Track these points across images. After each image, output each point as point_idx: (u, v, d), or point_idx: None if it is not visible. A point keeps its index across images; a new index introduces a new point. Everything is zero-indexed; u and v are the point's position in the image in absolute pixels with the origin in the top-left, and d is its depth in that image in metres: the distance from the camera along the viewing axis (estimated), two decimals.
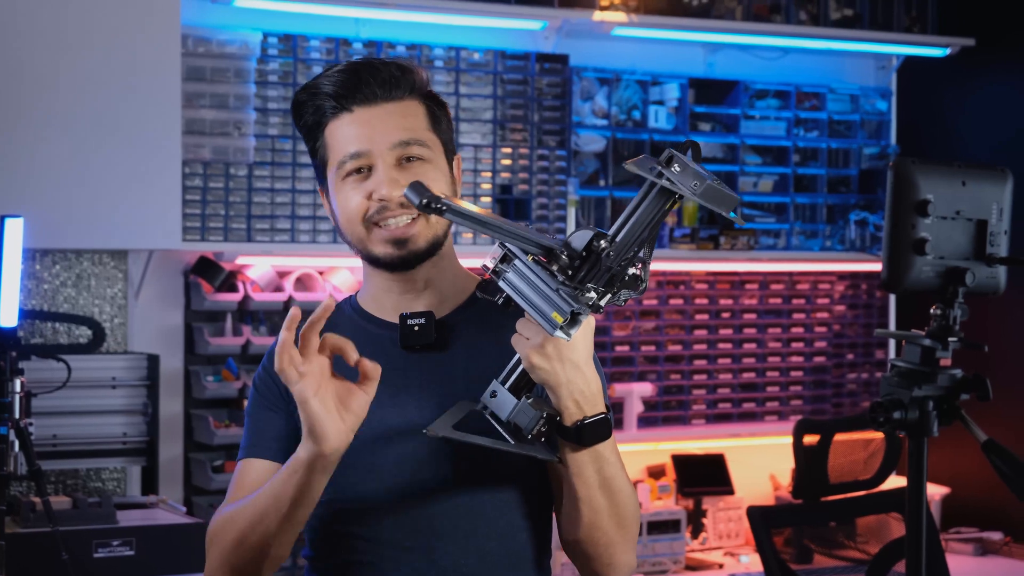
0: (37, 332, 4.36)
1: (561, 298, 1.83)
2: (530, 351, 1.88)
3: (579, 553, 2.05)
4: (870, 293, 5.62)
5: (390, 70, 2.10)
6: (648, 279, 1.89)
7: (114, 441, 4.22)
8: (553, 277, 1.85)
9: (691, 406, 5.29)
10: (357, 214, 2.07)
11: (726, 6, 5.15)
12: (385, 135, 2.07)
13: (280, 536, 1.99)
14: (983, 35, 5.39)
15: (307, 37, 4.59)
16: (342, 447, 1.92)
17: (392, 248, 2.07)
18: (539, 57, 4.93)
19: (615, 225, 1.87)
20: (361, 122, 2.08)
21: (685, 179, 1.81)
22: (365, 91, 2.08)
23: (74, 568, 3.46)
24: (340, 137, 2.09)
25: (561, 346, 1.88)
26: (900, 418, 2.02)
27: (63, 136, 4.05)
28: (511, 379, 1.94)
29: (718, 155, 5.35)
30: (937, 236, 2.03)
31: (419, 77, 2.13)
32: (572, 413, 1.92)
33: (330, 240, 4.59)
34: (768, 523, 3.53)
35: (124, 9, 4.12)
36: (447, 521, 2.05)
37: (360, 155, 2.07)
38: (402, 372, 2.08)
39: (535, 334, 1.88)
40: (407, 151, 2.08)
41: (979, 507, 5.16)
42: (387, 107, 2.09)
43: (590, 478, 1.96)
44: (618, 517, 2.01)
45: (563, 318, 1.83)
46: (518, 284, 1.87)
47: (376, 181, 2.06)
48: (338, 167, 2.09)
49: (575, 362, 1.90)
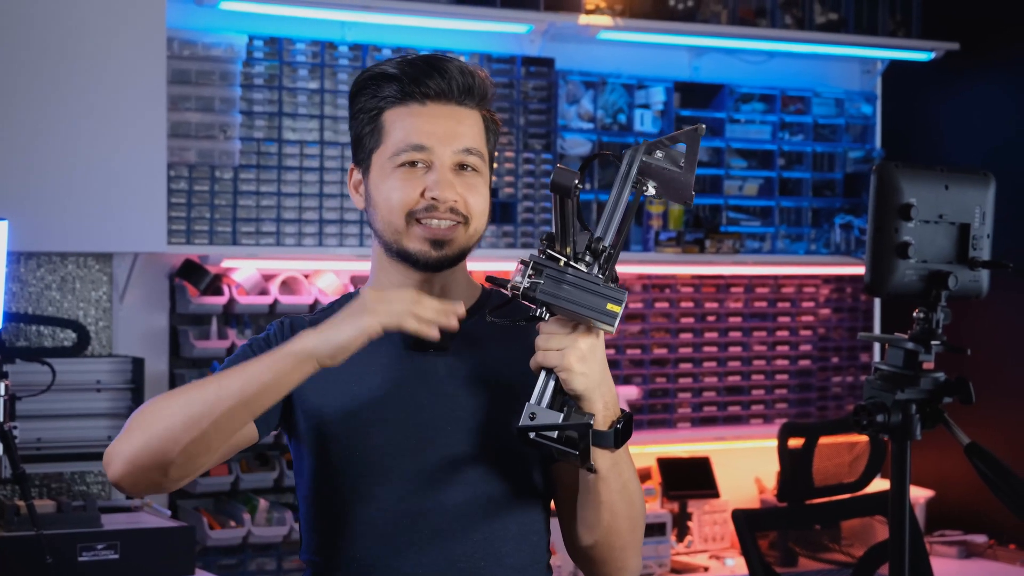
0: (22, 335, 4.35)
1: (609, 290, 1.86)
2: (572, 358, 1.88)
3: (592, 558, 2.06)
4: (855, 296, 5.63)
5: (469, 76, 2.10)
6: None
7: (99, 444, 4.20)
8: (590, 275, 1.87)
9: (676, 409, 5.29)
10: (401, 207, 2.06)
11: (711, 10, 5.16)
12: (453, 138, 2.07)
13: (226, 424, 1.91)
14: (967, 40, 5.41)
15: (293, 40, 4.59)
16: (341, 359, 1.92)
17: (429, 247, 2.06)
18: (525, 60, 4.93)
19: (601, 224, 1.91)
20: (430, 117, 2.08)
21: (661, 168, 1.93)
22: (444, 87, 2.08)
23: (58, 572, 3.45)
24: (404, 125, 2.08)
25: (594, 347, 1.90)
26: (883, 421, 2.03)
27: (48, 139, 4.04)
28: (545, 396, 1.91)
29: (704, 159, 5.36)
30: (920, 240, 2.03)
31: (490, 90, 2.14)
32: (605, 416, 1.93)
33: (316, 243, 4.58)
34: (753, 526, 3.53)
35: (109, 11, 4.12)
36: (456, 523, 2.05)
37: (422, 148, 2.06)
38: (410, 373, 2.09)
39: (570, 341, 1.88)
40: (466, 159, 2.08)
41: (963, 510, 5.17)
42: (459, 111, 2.09)
43: (613, 482, 1.98)
44: (632, 520, 2.03)
45: (620, 306, 1.86)
46: (557, 292, 1.86)
47: (433, 180, 2.05)
48: (393, 154, 2.07)
49: (602, 362, 1.93)
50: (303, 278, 4.60)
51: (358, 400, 2.08)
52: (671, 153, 1.95)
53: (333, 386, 2.07)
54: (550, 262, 1.87)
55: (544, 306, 1.88)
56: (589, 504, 2.01)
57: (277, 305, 4.50)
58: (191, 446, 1.91)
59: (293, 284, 4.59)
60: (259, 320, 4.58)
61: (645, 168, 1.95)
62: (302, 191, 4.57)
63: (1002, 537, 5.08)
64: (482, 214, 2.10)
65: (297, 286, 4.59)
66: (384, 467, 2.05)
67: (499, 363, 2.08)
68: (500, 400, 2.07)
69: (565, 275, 1.86)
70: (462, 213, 2.07)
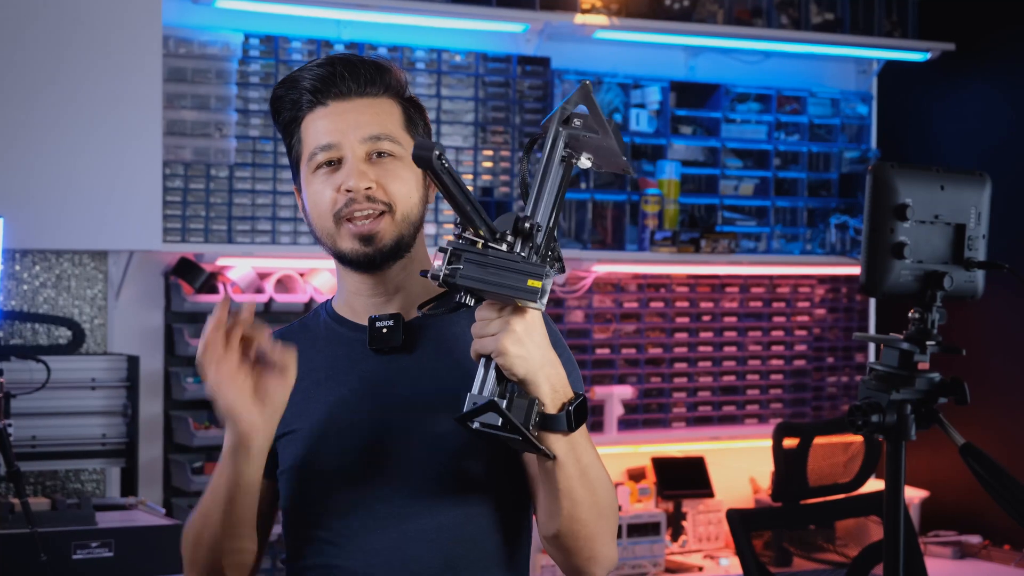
0: (17, 333, 4.34)
1: (528, 266, 1.80)
2: (505, 342, 1.82)
3: (560, 547, 2.00)
4: (850, 297, 5.63)
5: (367, 67, 2.10)
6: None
7: (93, 442, 4.21)
8: (510, 253, 1.81)
9: (671, 409, 5.29)
10: (327, 208, 2.06)
11: (708, 10, 5.16)
12: (356, 128, 2.07)
13: (228, 531, 2.01)
14: (963, 40, 5.41)
15: (288, 38, 4.59)
16: (261, 435, 1.95)
17: (359, 244, 2.05)
18: (520, 60, 4.93)
19: (530, 204, 1.87)
20: (334, 115, 2.08)
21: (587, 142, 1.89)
22: (340, 86, 2.08)
23: (53, 570, 3.45)
24: (313, 131, 2.08)
25: (529, 327, 1.83)
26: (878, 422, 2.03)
27: (43, 136, 4.04)
28: (486, 385, 1.85)
29: (699, 158, 5.36)
30: (916, 240, 2.03)
31: (396, 77, 2.12)
32: (554, 399, 1.87)
33: (311, 242, 4.58)
34: (748, 526, 3.53)
35: (105, 9, 4.11)
36: (423, 522, 2.04)
37: (330, 147, 2.06)
38: (371, 374, 2.08)
39: (501, 324, 1.83)
40: (377, 146, 2.07)
41: (958, 510, 5.18)
42: (361, 102, 2.09)
43: (571, 468, 1.91)
44: (597, 507, 1.96)
45: (540, 281, 1.79)
46: (478, 275, 1.81)
47: (344, 173, 2.05)
48: (309, 159, 2.08)
49: (541, 343, 1.86)
50: (298, 276, 4.60)
51: (314, 403, 2.08)
52: (587, 121, 1.90)
53: (296, 391, 2.02)
54: (467, 246, 1.81)
55: (466, 291, 1.82)
56: (547, 492, 1.95)
57: (272, 303, 4.50)
58: (228, 543, 2.03)
59: (288, 282, 4.59)
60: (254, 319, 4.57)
61: (572, 141, 1.90)
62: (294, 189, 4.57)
63: (996, 538, 5.08)
64: (406, 198, 2.07)
65: (292, 284, 4.59)
66: (337, 469, 2.05)
67: (457, 359, 2.06)
68: (458, 397, 2.01)
69: (486, 257, 1.81)
70: (382, 201, 2.05)
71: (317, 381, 2.10)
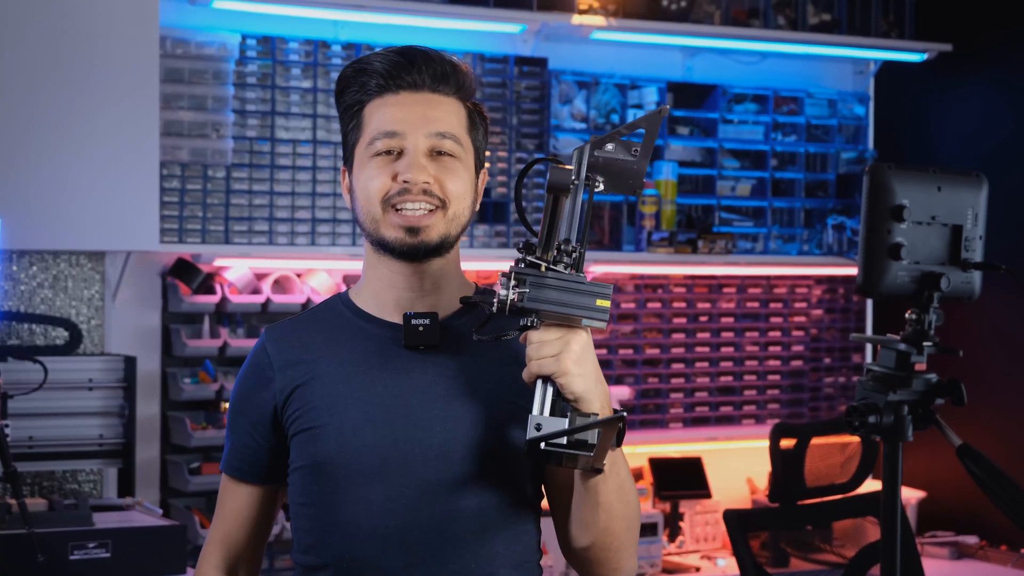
0: (13, 333, 4.34)
1: (595, 287, 1.86)
2: (568, 362, 1.86)
3: (589, 559, 2.05)
4: (847, 297, 5.63)
5: (445, 64, 2.11)
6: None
7: (90, 443, 4.20)
8: (577, 275, 1.87)
9: (668, 409, 5.29)
10: (377, 194, 2.06)
11: (705, 10, 5.16)
12: (424, 122, 2.07)
13: None
14: (960, 41, 5.41)
15: (286, 39, 4.59)
16: None
17: (404, 234, 2.05)
18: (518, 60, 4.93)
19: (564, 226, 1.91)
20: (403, 105, 2.08)
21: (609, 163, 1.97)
22: (415, 76, 2.08)
23: (50, 570, 3.45)
24: (378, 116, 2.08)
25: (586, 346, 1.88)
26: (875, 422, 2.03)
27: (40, 137, 4.04)
28: (547, 404, 1.88)
29: (696, 159, 5.36)
30: (913, 241, 2.04)
31: (469, 80, 2.14)
32: (603, 415, 1.89)
33: (308, 242, 4.58)
34: (745, 526, 3.53)
35: (102, 10, 4.11)
36: (456, 524, 2.04)
37: (394, 135, 2.06)
38: (405, 373, 2.08)
39: (561, 345, 1.87)
40: (440, 144, 2.08)
41: (955, 511, 5.18)
42: (432, 97, 2.09)
43: (612, 481, 1.95)
44: (628, 520, 2.01)
45: (608, 301, 1.85)
46: (544, 297, 1.85)
47: (404, 164, 2.05)
48: (369, 144, 2.08)
49: (595, 362, 1.91)
50: (296, 277, 4.60)
51: (345, 400, 2.07)
52: (624, 143, 1.96)
53: (320, 386, 2.06)
54: (530, 269, 1.87)
55: (533, 313, 1.87)
56: (586, 505, 1.98)
57: (269, 304, 4.50)
58: None
59: (286, 283, 4.59)
60: (251, 319, 4.57)
61: (593, 164, 1.96)
62: (295, 190, 4.57)
63: (993, 538, 5.08)
64: (461, 198, 2.08)
65: (290, 285, 4.58)
66: (372, 467, 2.04)
67: (491, 363, 2.07)
68: (492, 400, 2.06)
69: (548, 280, 1.86)
70: (438, 196, 2.06)
71: (345, 377, 2.08)
